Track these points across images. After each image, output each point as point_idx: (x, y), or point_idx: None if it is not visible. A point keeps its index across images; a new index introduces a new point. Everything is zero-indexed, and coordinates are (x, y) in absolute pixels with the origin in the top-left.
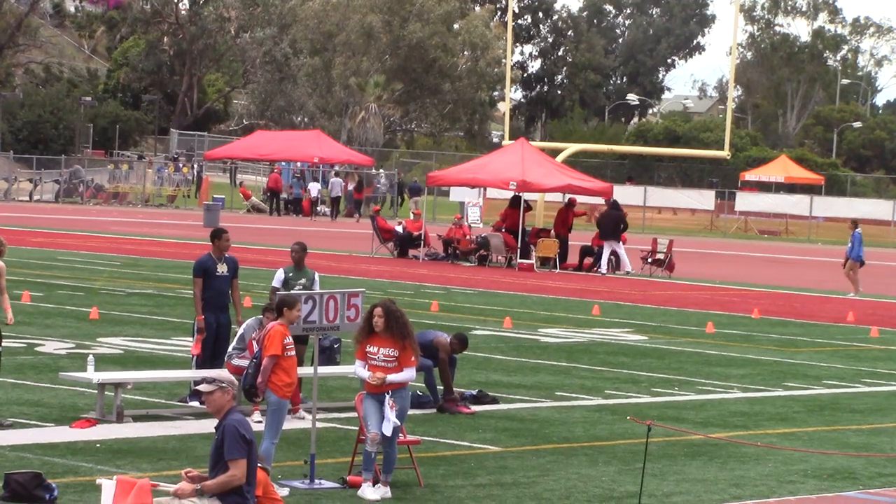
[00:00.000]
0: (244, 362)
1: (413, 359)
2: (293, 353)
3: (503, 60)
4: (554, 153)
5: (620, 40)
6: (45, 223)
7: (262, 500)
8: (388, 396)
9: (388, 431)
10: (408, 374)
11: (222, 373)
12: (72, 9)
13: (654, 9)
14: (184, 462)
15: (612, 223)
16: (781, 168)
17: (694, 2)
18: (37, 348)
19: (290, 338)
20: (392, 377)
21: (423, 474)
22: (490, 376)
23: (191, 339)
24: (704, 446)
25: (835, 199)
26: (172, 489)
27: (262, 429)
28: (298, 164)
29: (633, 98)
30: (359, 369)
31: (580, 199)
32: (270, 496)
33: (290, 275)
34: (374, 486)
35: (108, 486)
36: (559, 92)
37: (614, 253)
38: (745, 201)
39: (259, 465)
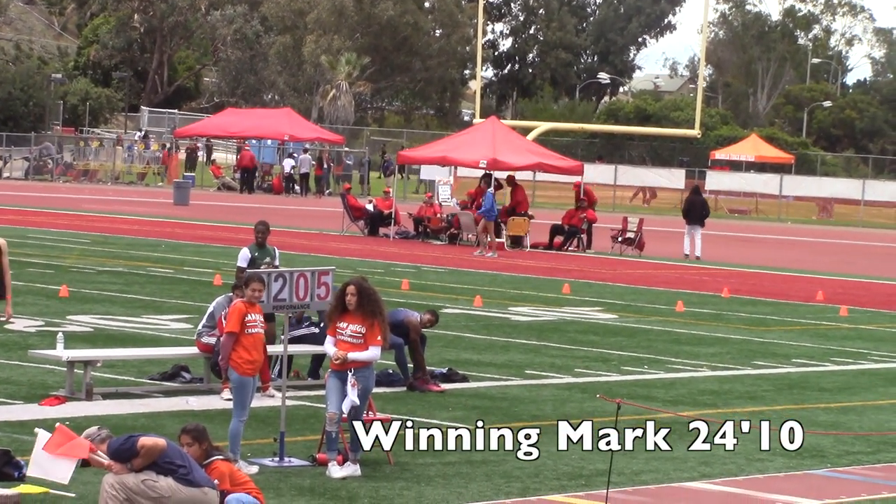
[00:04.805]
0: (214, 340)
1: (380, 338)
2: (256, 330)
3: (474, 39)
4: (525, 132)
5: (591, 19)
6: (15, 200)
7: (231, 489)
8: (350, 374)
9: (345, 409)
10: (372, 353)
11: (90, 430)
12: None
13: None
14: None
15: (700, 209)
16: (752, 147)
17: None
18: (6, 326)
19: (257, 315)
20: (354, 355)
21: (392, 452)
22: (460, 354)
23: (160, 317)
24: (674, 424)
25: (805, 178)
26: (106, 463)
27: (230, 406)
28: (269, 141)
29: (603, 77)
30: (328, 346)
31: (551, 178)
32: (238, 481)
33: (256, 254)
34: (342, 464)
35: (43, 434)
36: (530, 70)
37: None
38: (716, 180)
39: (221, 455)
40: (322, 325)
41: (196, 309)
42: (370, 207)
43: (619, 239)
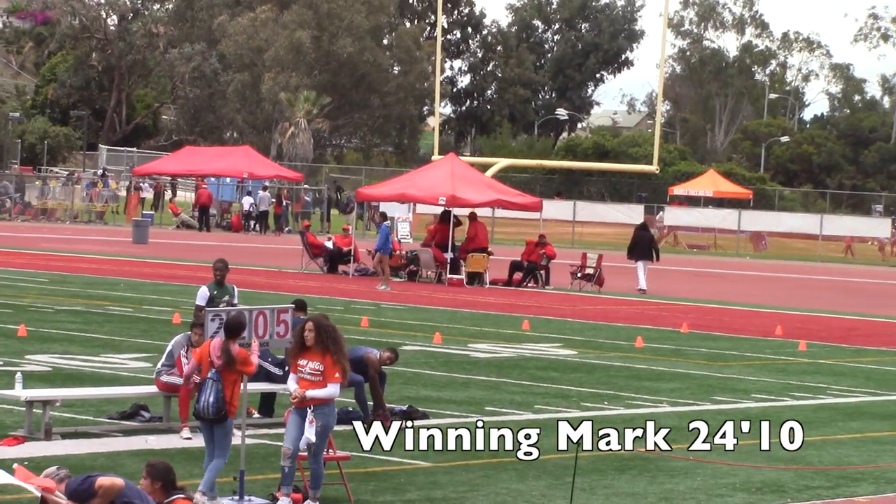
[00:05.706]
0: (173, 379)
1: (338, 375)
2: None
3: (432, 75)
4: (484, 168)
5: (549, 55)
6: None
7: None
8: (309, 411)
9: (303, 446)
10: (331, 391)
11: (49, 470)
12: None
13: (582, 24)
14: None
15: (647, 244)
16: (710, 182)
17: (622, 17)
18: None
19: None
20: (312, 392)
21: (353, 490)
22: (420, 391)
23: (119, 356)
24: (634, 460)
25: (763, 213)
26: (64, 503)
27: (189, 445)
28: (228, 179)
29: (562, 113)
30: (290, 383)
31: (510, 214)
32: None
33: (215, 292)
34: (302, 502)
35: (2, 474)
36: (489, 107)
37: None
38: (674, 216)
39: (183, 494)
40: (286, 367)
41: (155, 348)
42: (329, 245)
43: (579, 275)
